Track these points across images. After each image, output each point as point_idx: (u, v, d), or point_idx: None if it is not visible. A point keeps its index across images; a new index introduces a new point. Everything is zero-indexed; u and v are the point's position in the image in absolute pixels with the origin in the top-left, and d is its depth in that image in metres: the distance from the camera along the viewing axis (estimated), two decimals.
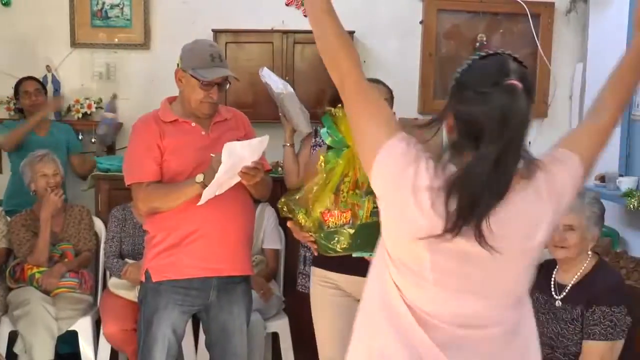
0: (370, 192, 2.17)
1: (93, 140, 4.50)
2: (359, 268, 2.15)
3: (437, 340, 1.57)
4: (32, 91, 4.33)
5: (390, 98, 2.73)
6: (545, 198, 1.57)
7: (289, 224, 2.39)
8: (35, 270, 3.64)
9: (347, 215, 2.29)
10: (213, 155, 2.51)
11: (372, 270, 1.73)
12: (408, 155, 1.56)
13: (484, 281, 1.58)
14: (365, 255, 2.30)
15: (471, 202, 1.48)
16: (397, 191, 1.56)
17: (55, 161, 3.82)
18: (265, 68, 3.80)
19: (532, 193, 1.56)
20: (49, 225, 3.63)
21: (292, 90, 3.74)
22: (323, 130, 2.32)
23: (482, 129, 1.49)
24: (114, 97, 4.63)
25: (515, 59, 1.60)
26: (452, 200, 1.49)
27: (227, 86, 2.82)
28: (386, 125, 1.63)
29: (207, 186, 2.51)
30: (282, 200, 2.41)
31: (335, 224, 2.29)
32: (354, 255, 2.33)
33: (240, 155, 2.49)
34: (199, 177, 2.55)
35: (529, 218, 1.55)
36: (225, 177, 2.50)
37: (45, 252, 3.63)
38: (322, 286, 2.71)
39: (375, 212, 2.22)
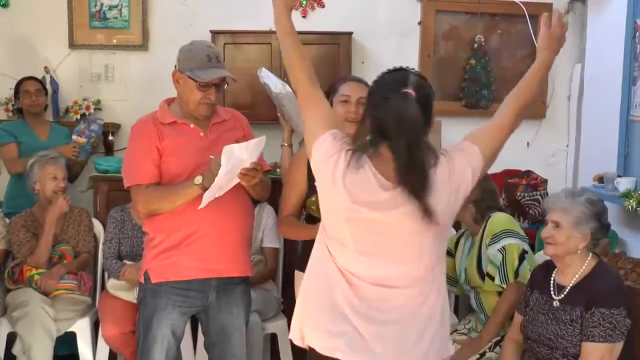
0: None
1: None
2: None
3: (359, 296, 1.96)
4: (32, 91, 4.33)
5: None
6: (447, 179, 1.94)
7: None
8: (34, 271, 3.64)
9: None
10: (212, 157, 2.52)
11: (316, 242, 2.10)
12: (333, 147, 1.98)
13: (395, 249, 1.95)
14: None
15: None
16: (323, 174, 1.98)
17: (64, 165, 3.82)
18: (263, 69, 3.81)
19: (439, 174, 1.93)
20: (53, 228, 3.64)
21: (290, 90, 3.75)
22: None
23: (386, 127, 1.91)
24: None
25: (417, 74, 2.02)
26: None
27: (225, 87, 2.82)
28: (322, 123, 2.04)
29: (206, 188, 2.52)
30: (313, 199, 2.42)
31: None
32: None
33: (239, 157, 2.49)
34: (198, 179, 2.55)
35: (440, 195, 1.92)
36: (225, 179, 2.51)
37: (46, 254, 3.63)
38: None
39: None
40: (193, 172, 2.62)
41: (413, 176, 1.89)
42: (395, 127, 1.89)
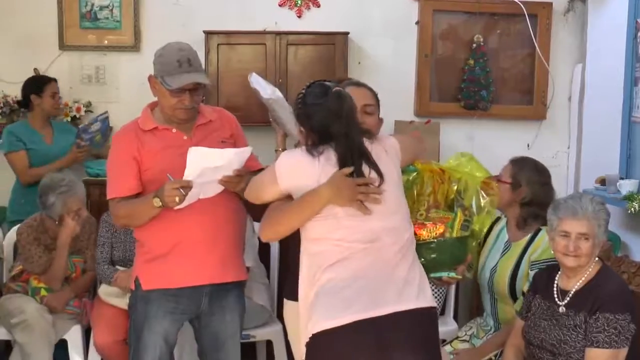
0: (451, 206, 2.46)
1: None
2: None
3: (346, 254, 2.21)
4: (57, 94, 4.34)
5: (375, 103, 2.66)
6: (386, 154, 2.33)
7: None
8: (42, 285, 3.61)
9: (440, 228, 2.43)
10: (168, 175, 2.50)
11: (301, 266, 2.32)
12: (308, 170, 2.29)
13: (377, 207, 2.23)
14: (444, 275, 2.42)
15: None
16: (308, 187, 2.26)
17: (83, 190, 3.71)
18: (254, 74, 3.79)
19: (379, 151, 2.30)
20: (67, 250, 3.58)
21: (280, 95, 3.73)
22: None
23: (328, 123, 2.23)
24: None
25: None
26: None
27: (203, 89, 2.76)
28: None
29: (168, 206, 2.50)
30: None
31: (429, 236, 2.42)
32: (432, 275, 2.42)
33: (212, 162, 2.48)
34: (157, 202, 2.52)
35: (385, 163, 2.29)
36: (200, 181, 2.49)
37: (61, 278, 3.59)
38: None
39: (465, 225, 2.45)
40: (178, 178, 2.58)
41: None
42: (336, 118, 2.23)
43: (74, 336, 3.59)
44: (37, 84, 4.31)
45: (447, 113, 4.67)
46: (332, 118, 2.23)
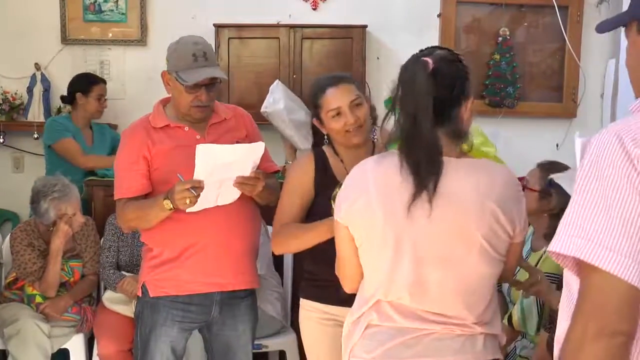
0: None
1: None
2: None
3: None
4: (104, 96, 4.38)
5: (361, 93, 2.62)
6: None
7: None
8: (37, 292, 3.64)
9: None
10: (179, 175, 2.49)
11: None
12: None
13: None
14: None
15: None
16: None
17: (77, 194, 3.69)
18: (277, 81, 3.77)
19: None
20: (60, 255, 3.58)
21: (280, 107, 3.74)
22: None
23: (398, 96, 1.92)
24: None
25: (447, 50, 2.02)
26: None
27: (219, 85, 2.77)
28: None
29: (179, 208, 2.51)
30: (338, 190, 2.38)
31: None
32: None
33: (223, 159, 2.47)
34: (168, 204, 2.52)
35: None
36: (212, 180, 2.49)
37: (56, 285, 3.60)
38: (321, 324, 2.57)
39: None
40: (189, 178, 2.59)
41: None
42: (409, 88, 1.89)
43: (75, 346, 3.61)
44: (86, 83, 4.36)
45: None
46: (402, 87, 1.97)
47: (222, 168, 2.49)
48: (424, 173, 1.86)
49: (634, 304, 1.25)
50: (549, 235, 2.98)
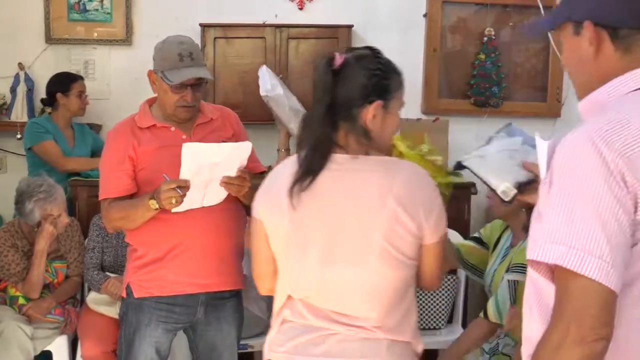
0: None
1: None
2: None
3: None
4: (84, 93, 4.35)
5: None
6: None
7: None
8: (20, 293, 3.61)
9: None
10: (165, 176, 2.49)
11: None
12: None
13: None
14: None
15: None
16: None
17: (63, 195, 3.67)
18: (264, 67, 3.80)
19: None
20: (44, 256, 3.55)
21: (280, 92, 3.73)
22: None
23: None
24: None
25: (371, 49, 1.99)
26: None
27: (205, 85, 2.77)
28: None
29: (165, 208, 2.50)
30: None
31: None
32: None
33: (209, 158, 2.47)
34: (154, 204, 2.52)
35: None
36: (198, 180, 2.49)
37: (40, 286, 3.57)
38: None
39: None
40: (174, 178, 2.58)
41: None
42: (320, 88, 1.89)
43: (59, 347, 3.59)
44: (64, 82, 4.33)
45: (456, 110, 4.68)
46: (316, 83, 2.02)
47: (208, 168, 2.48)
48: (306, 169, 1.87)
49: (613, 308, 1.27)
50: (527, 229, 3.00)
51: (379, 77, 1.89)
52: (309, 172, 1.87)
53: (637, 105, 1.36)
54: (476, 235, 3.31)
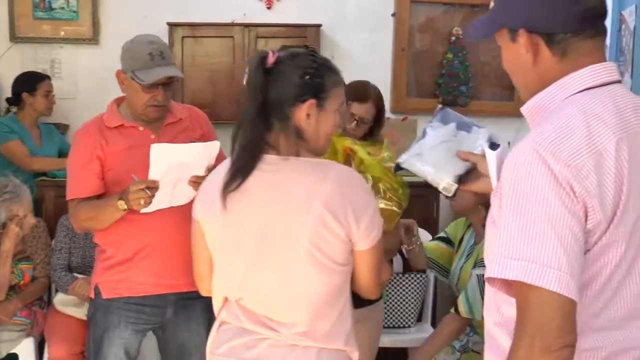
0: None
1: None
2: None
3: None
4: (51, 92, 4.29)
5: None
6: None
7: None
8: None
9: None
10: (133, 176, 2.47)
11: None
12: None
13: None
14: None
15: None
16: None
17: (29, 195, 3.61)
18: None
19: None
20: (10, 258, 3.49)
21: None
22: None
23: None
24: None
25: (306, 49, 1.92)
26: None
27: (175, 84, 2.77)
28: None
29: (134, 209, 2.48)
30: None
31: None
32: None
33: (178, 159, 2.46)
34: (122, 204, 2.50)
35: None
36: (167, 180, 2.47)
37: (5, 288, 3.50)
38: None
39: None
40: (143, 179, 2.57)
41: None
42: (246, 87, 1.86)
43: (25, 350, 3.54)
44: (30, 82, 4.28)
45: (424, 109, 4.69)
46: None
47: (177, 168, 2.47)
48: (236, 170, 1.83)
49: (574, 316, 1.29)
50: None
51: (312, 75, 1.83)
52: (238, 173, 1.83)
53: (579, 110, 1.37)
54: (442, 234, 3.33)
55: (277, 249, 1.82)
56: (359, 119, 2.85)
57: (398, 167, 2.12)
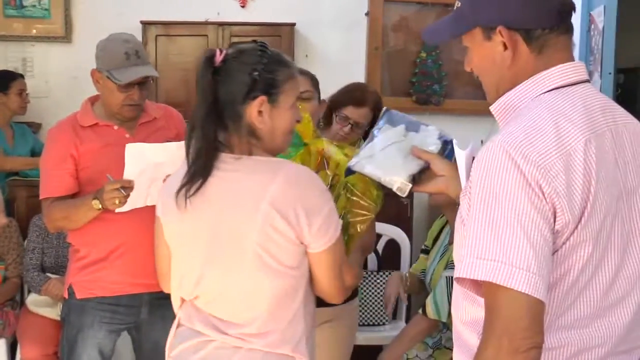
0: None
1: None
2: None
3: None
4: (25, 91, 4.25)
5: (312, 89, 2.68)
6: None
7: None
8: None
9: None
10: (108, 176, 2.47)
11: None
12: None
13: None
14: None
15: None
16: None
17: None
18: None
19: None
20: None
21: None
22: None
23: None
24: None
25: (256, 43, 1.88)
26: None
27: (150, 83, 2.76)
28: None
29: (109, 208, 2.48)
30: None
31: None
32: None
33: (153, 158, 2.46)
34: (97, 204, 2.49)
35: None
36: (142, 180, 2.47)
37: None
38: None
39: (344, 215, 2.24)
40: (117, 178, 2.56)
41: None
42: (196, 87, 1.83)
43: None
44: (3, 80, 4.23)
45: (398, 108, 4.55)
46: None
47: (152, 167, 2.47)
48: (192, 172, 1.79)
49: (542, 317, 1.29)
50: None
51: (260, 71, 1.78)
52: (194, 174, 1.79)
53: (548, 109, 1.38)
54: (423, 247, 3.37)
55: (226, 250, 1.78)
56: (354, 123, 2.78)
57: (349, 171, 2.05)
